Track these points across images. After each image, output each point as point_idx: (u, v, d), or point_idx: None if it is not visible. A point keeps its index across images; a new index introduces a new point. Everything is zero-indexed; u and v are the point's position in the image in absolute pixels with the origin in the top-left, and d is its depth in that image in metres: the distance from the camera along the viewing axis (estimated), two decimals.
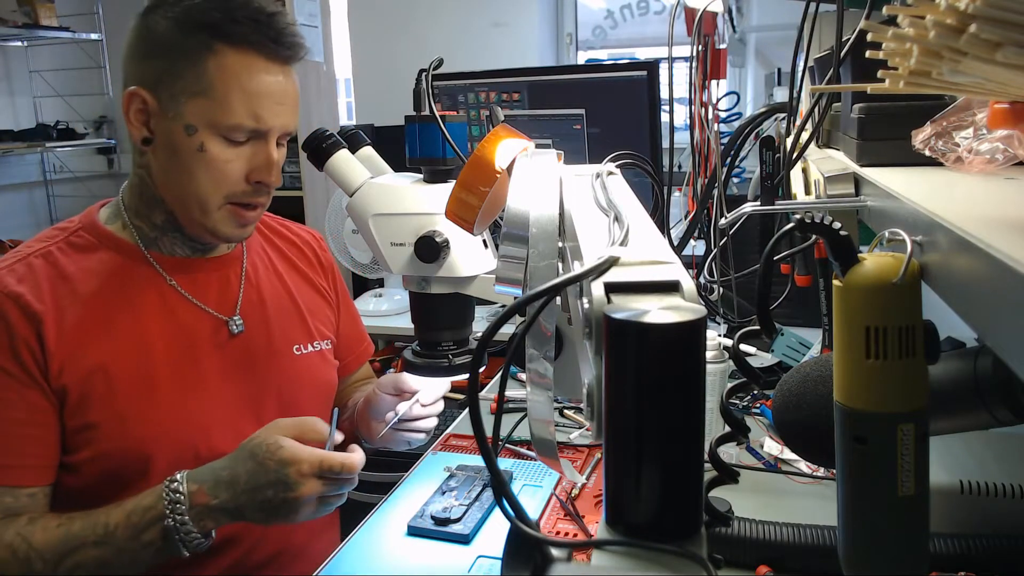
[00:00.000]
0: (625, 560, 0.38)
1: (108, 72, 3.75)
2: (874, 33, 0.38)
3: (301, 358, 1.11)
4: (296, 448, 0.86)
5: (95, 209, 1.03)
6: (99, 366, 0.92)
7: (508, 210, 0.55)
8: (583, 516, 1.02)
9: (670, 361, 0.36)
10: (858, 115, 0.69)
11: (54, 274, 0.94)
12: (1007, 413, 0.49)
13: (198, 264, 1.04)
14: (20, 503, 0.90)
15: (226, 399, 1.00)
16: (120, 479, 0.93)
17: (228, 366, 1.02)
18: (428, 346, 0.94)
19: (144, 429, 0.93)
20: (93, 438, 0.92)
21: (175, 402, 0.96)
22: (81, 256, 0.97)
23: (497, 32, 3.25)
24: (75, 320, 0.92)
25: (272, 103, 0.93)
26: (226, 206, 0.96)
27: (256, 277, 1.10)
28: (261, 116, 0.93)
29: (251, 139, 0.94)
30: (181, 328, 0.99)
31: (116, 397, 0.92)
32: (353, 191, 0.93)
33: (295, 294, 1.15)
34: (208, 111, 0.91)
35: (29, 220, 3.77)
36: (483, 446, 0.41)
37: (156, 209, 0.99)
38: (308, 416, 0.92)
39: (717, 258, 1.15)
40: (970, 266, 0.34)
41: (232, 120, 0.92)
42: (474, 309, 0.96)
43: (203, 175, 0.93)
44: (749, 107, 2.99)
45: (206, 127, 0.92)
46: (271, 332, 1.08)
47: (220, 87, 0.91)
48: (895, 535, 0.44)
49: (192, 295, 1.01)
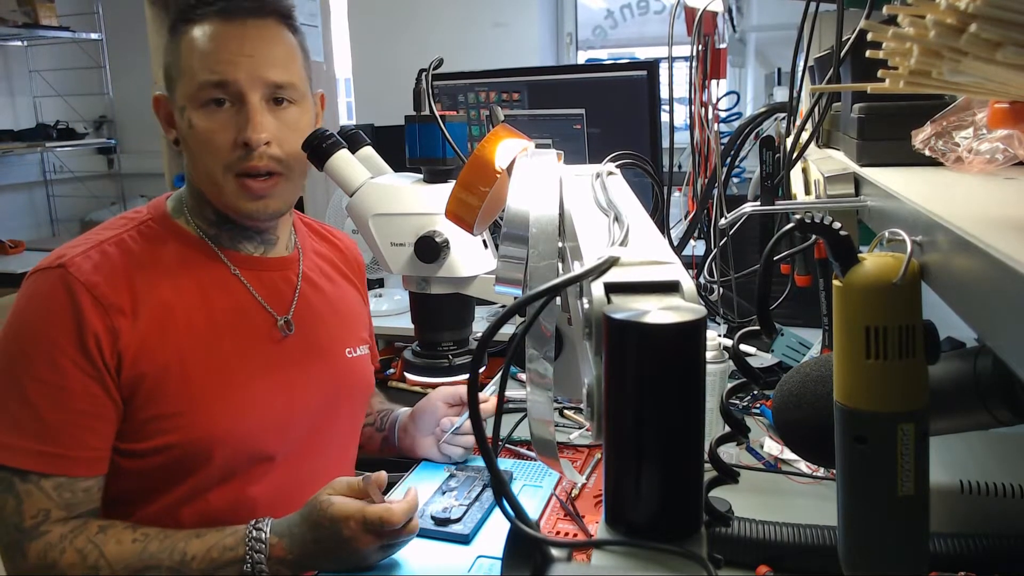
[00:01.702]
0: (625, 560, 0.38)
1: (108, 72, 3.75)
2: (874, 33, 0.37)
3: (353, 360, 1.13)
4: (344, 504, 0.88)
5: (162, 201, 1.04)
6: (175, 357, 0.93)
7: (508, 210, 0.55)
8: (583, 516, 1.02)
9: (670, 361, 0.36)
10: (858, 115, 0.69)
11: (129, 263, 0.94)
12: (1007, 413, 0.49)
13: (262, 262, 1.05)
14: (78, 498, 0.90)
15: (282, 398, 1.01)
16: (181, 468, 0.94)
17: (284, 364, 1.02)
18: (428, 346, 0.94)
19: (213, 422, 0.94)
20: (164, 428, 0.92)
21: (241, 397, 0.97)
22: (153, 247, 0.98)
23: (497, 32, 3.25)
24: (151, 310, 0.93)
25: (230, 55, 0.93)
26: (233, 179, 0.96)
27: (312, 279, 1.11)
28: (218, 69, 0.93)
29: (232, 103, 0.94)
30: (246, 323, 1.00)
31: (190, 388, 0.93)
32: (353, 191, 0.93)
33: (344, 298, 1.17)
34: (184, 86, 0.94)
35: (29, 220, 3.78)
36: (483, 446, 0.41)
37: (205, 205, 1.01)
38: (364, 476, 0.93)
39: (717, 258, 1.15)
40: (970, 266, 0.34)
41: (196, 82, 0.93)
42: (474, 309, 0.96)
43: (199, 151, 0.95)
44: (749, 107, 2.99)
45: (187, 103, 0.94)
46: (325, 333, 1.09)
47: (187, 59, 0.94)
48: (895, 535, 0.44)
49: (257, 292, 1.02)
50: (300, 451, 1.03)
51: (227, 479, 0.97)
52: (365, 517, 0.87)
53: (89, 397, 0.89)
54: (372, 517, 0.87)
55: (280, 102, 0.96)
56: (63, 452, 0.89)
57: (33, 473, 0.88)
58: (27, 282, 0.93)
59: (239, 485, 0.98)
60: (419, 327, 0.95)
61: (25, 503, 0.88)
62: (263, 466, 0.99)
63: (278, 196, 0.99)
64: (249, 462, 0.98)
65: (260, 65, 0.94)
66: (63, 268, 0.91)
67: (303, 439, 1.03)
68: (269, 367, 1.01)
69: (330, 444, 1.09)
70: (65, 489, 0.89)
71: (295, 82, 0.97)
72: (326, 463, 1.08)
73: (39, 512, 0.88)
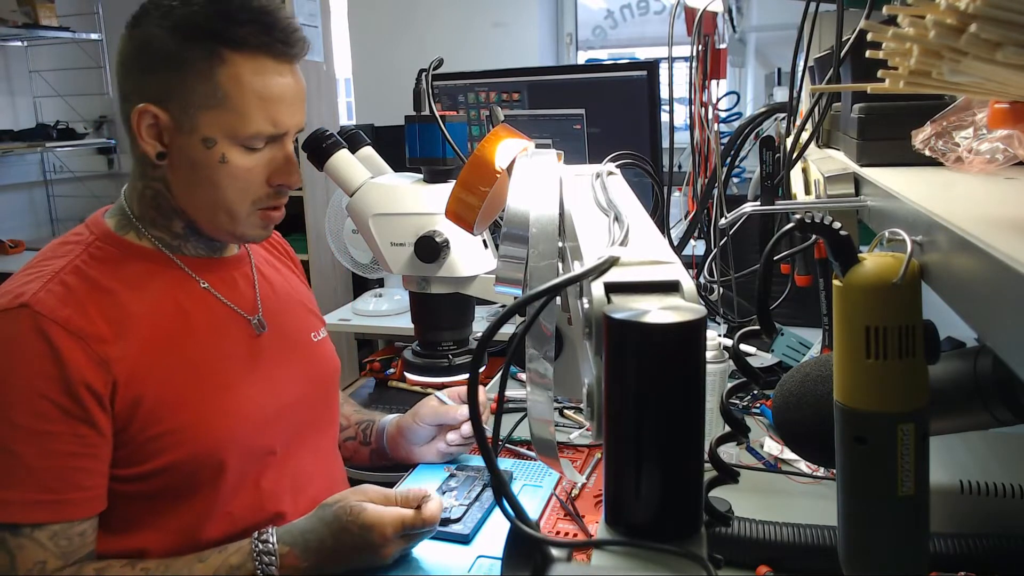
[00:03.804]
0: (625, 560, 0.38)
1: (108, 72, 3.75)
2: (874, 33, 0.38)
3: (318, 343, 1.14)
4: (379, 511, 0.88)
5: (99, 219, 0.98)
6: (166, 372, 0.91)
7: (508, 210, 0.55)
8: (583, 516, 1.02)
9: (670, 361, 0.36)
10: (858, 115, 0.69)
11: (93, 289, 0.89)
12: (1007, 413, 0.49)
13: (219, 264, 1.03)
14: (74, 545, 0.86)
15: (268, 393, 1.01)
16: (192, 484, 0.92)
17: (263, 360, 1.03)
18: (428, 346, 0.94)
19: (219, 429, 0.93)
20: (169, 444, 0.90)
21: (234, 399, 0.96)
22: (110, 268, 0.93)
23: (497, 32, 3.25)
24: (133, 331, 0.90)
25: (287, 105, 0.92)
26: (257, 213, 0.95)
27: (263, 272, 1.11)
28: (279, 120, 0.91)
29: (268, 143, 0.93)
30: (222, 328, 0.99)
31: (187, 401, 0.92)
32: (353, 191, 0.93)
33: (293, 285, 1.17)
34: (226, 122, 0.89)
35: (29, 220, 3.78)
36: (483, 446, 0.41)
37: (175, 219, 0.97)
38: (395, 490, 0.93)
39: (717, 258, 1.15)
40: (970, 266, 0.34)
41: (252, 129, 0.89)
42: (474, 309, 0.96)
43: (229, 186, 0.91)
44: (749, 107, 2.99)
45: (225, 138, 0.89)
46: (291, 324, 1.10)
47: (236, 97, 0.88)
48: (895, 535, 0.44)
49: (223, 295, 1.01)
50: (297, 438, 1.04)
51: (241, 483, 0.96)
52: (404, 524, 0.87)
53: (77, 438, 0.85)
54: (416, 522, 0.88)
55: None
56: (56, 498, 0.84)
57: (25, 526, 0.83)
58: None
59: (253, 486, 0.97)
60: (419, 327, 0.95)
61: (18, 558, 0.83)
62: (268, 461, 0.99)
63: (280, 219, 1.00)
64: (257, 460, 0.98)
65: (301, 114, 0.94)
66: (28, 308, 0.84)
67: (295, 428, 1.04)
68: (251, 366, 1.00)
69: (320, 425, 1.11)
70: (60, 537, 0.85)
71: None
72: (320, 445, 1.11)
73: (34, 565, 0.84)
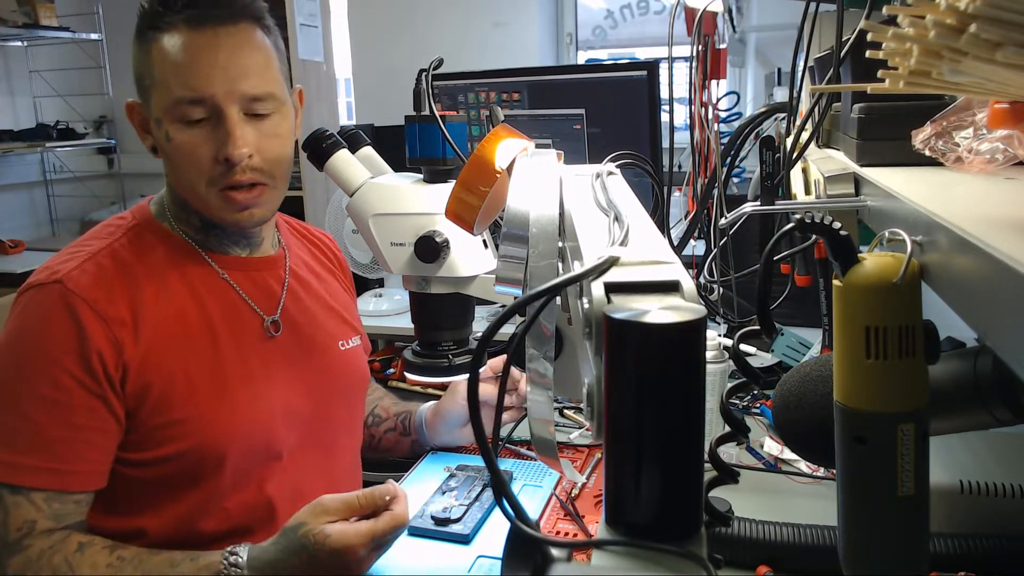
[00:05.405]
0: (625, 560, 0.38)
1: (108, 72, 3.75)
2: (874, 33, 0.38)
3: (347, 352, 1.14)
4: (344, 533, 0.84)
5: (146, 205, 1.04)
6: (179, 363, 0.93)
7: (508, 210, 0.55)
8: (583, 516, 1.02)
9: (670, 361, 0.36)
10: (858, 115, 0.69)
11: (125, 274, 0.94)
12: (1007, 413, 0.49)
13: (250, 263, 1.05)
14: (67, 509, 0.89)
15: (280, 395, 1.01)
16: (195, 475, 0.94)
17: (278, 362, 1.03)
18: (428, 346, 0.94)
19: (221, 425, 0.94)
20: (175, 434, 0.92)
21: (243, 397, 0.97)
22: (143, 253, 0.97)
23: (497, 32, 3.25)
24: (152, 321, 0.93)
25: (204, 67, 0.89)
26: (217, 193, 0.94)
27: (300, 276, 1.11)
28: (195, 85, 0.89)
29: (209, 116, 0.91)
30: (238, 325, 1.00)
31: (196, 393, 0.93)
32: (353, 191, 0.93)
33: (332, 291, 1.18)
34: (159, 98, 0.92)
35: (29, 220, 3.77)
36: (483, 446, 0.41)
37: (189, 211, 1.00)
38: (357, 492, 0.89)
39: (717, 258, 1.15)
40: (970, 266, 0.34)
41: (172, 96, 0.90)
42: (474, 309, 0.96)
43: (180, 164, 0.93)
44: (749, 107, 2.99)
45: (164, 115, 0.92)
46: (318, 329, 1.10)
47: (160, 71, 0.91)
48: (895, 535, 0.44)
49: (245, 293, 1.02)
50: (306, 447, 1.04)
51: (241, 482, 0.97)
52: (374, 537, 0.85)
53: (90, 412, 0.89)
54: (385, 530, 0.85)
55: (259, 113, 0.94)
56: (62, 467, 0.88)
57: (25, 486, 0.87)
58: (23, 298, 0.92)
59: (254, 488, 0.98)
60: (419, 327, 0.95)
61: (12, 515, 0.87)
62: (273, 466, 0.99)
63: (263, 204, 0.98)
64: (260, 462, 0.98)
65: (236, 77, 0.91)
66: (61, 284, 0.90)
67: (307, 435, 1.04)
68: (264, 366, 1.01)
69: (335, 437, 1.10)
70: (55, 500, 0.88)
71: (272, 91, 0.94)
72: (333, 455, 1.09)
73: (24, 524, 0.87)
